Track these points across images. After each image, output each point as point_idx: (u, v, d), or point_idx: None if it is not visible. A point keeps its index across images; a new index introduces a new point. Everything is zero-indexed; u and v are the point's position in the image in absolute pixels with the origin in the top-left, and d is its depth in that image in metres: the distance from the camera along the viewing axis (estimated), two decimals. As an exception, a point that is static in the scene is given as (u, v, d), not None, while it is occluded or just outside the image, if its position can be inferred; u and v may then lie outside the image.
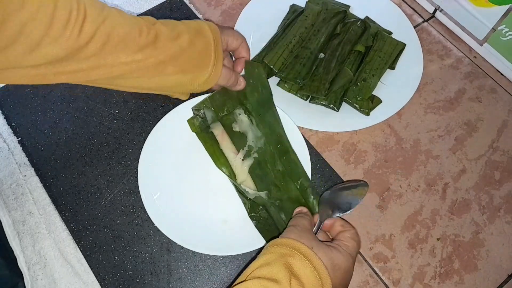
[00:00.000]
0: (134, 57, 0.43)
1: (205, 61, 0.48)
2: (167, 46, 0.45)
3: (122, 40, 0.41)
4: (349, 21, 0.64)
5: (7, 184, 0.53)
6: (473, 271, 0.51)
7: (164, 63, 0.45)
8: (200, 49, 0.47)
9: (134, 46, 0.42)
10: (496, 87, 0.64)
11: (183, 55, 0.46)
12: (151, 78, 0.46)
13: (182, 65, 0.46)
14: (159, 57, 0.44)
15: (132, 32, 0.42)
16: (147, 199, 0.51)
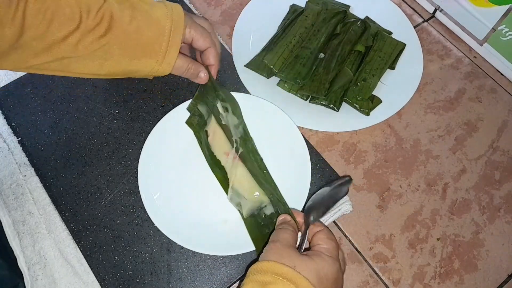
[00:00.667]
0: (82, 40, 0.42)
1: (155, 50, 0.46)
2: (113, 30, 0.43)
3: (69, 20, 0.41)
4: (349, 21, 0.64)
5: (7, 184, 0.53)
6: (473, 271, 0.51)
7: (110, 47, 0.44)
8: (149, 37, 0.45)
9: (81, 28, 0.42)
10: (496, 87, 0.64)
11: (129, 40, 0.44)
12: (101, 63, 0.45)
13: (128, 51, 0.45)
14: (103, 40, 0.43)
15: (79, 10, 0.41)
16: (147, 199, 0.51)
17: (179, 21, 0.47)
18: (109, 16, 0.43)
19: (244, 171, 0.52)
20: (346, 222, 0.53)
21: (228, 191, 0.51)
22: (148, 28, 0.45)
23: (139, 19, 0.44)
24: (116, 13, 0.43)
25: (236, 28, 0.65)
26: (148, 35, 0.45)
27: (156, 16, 0.45)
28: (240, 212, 0.51)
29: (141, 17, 0.45)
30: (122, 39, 0.44)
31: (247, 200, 0.50)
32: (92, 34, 0.42)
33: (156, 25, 0.45)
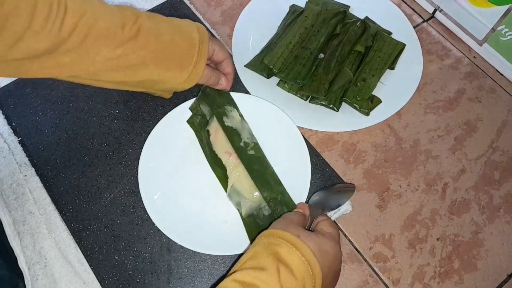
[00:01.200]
0: (116, 52, 0.43)
1: (187, 61, 0.49)
2: (149, 42, 0.45)
3: (104, 34, 0.42)
4: (349, 22, 0.64)
5: (8, 184, 0.53)
6: (473, 271, 0.51)
7: (145, 58, 0.45)
8: (183, 48, 0.48)
9: (116, 40, 0.43)
10: (495, 87, 0.64)
11: (164, 52, 0.46)
12: (132, 74, 0.46)
13: (162, 62, 0.47)
14: (140, 52, 0.45)
15: (114, 25, 0.42)
16: (147, 199, 0.51)
17: (205, 34, 0.50)
18: (145, 29, 0.45)
19: (245, 171, 0.52)
20: (346, 222, 0.53)
21: (228, 189, 0.52)
22: (182, 40, 0.48)
23: (172, 31, 0.47)
24: (150, 27, 0.45)
25: (236, 28, 0.65)
26: (182, 47, 0.48)
27: (186, 30, 0.49)
28: (239, 211, 0.51)
29: (174, 30, 0.47)
30: (158, 51, 0.46)
31: (247, 199, 0.51)
32: (128, 48, 0.44)
33: (188, 37, 0.48)
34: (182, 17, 0.65)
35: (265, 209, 0.50)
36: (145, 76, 0.47)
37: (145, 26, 0.45)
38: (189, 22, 0.51)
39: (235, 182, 0.51)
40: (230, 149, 0.53)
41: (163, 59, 0.47)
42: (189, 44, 0.48)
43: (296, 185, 0.52)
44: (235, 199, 0.51)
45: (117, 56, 0.43)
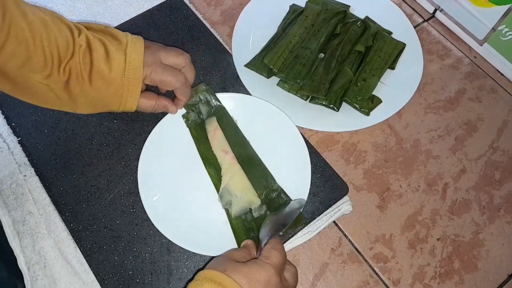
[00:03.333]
0: (47, 82, 0.44)
1: (113, 103, 0.49)
2: (76, 87, 0.45)
3: (42, 67, 0.42)
4: (349, 21, 0.64)
5: (7, 184, 0.53)
6: (473, 271, 0.51)
7: (75, 97, 0.46)
8: (108, 95, 0.48)
9: (52, 76, 0.43)
10: (496, 87, 0.64)
11: (90, 96, 0.47)
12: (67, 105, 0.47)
13: (90, 103, 0.48)
14: (68, 92, 0.45)
15: (50, 61, 0.43)
16: (147, 201, 0.50)
17: (134, 77, 0.48)
18: (74, 73, 0.44)
19: (240, 170, 0.52)
20: (346, 222, 0.53)
21: (220, 187, 0.51)
22: (104, 89, 0.47)
23: (96, 80, 0.46)
24: (79, 71, 0.45)
25: (236, 28, 0.65)
26: (105, 94, 0.47)
27: (111, 76, 0.46)
28: (228, 211, 0.51)
29: (97, 77, 0.46)
30: (84, 95, 0.46)
31: (238, 199, 0.50)
32: (59, 87, 0.44)
33: (111, 86, 0.47)
34: (182, 17, 0.66)
35: (254, 211, 0.50)
36: (79, 107, 0.48)
37: (74, 70, 0.44)
38: (121, 58, 0.47)
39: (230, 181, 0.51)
40: (227, 148, 0.53)
41: (90, 102, 0.48)
42: (114, 91, 0.47)
43: (296, 185, 0.52)
44: (227, 198, 0.51)
45: (53, 90, 0.45)
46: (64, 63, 0.43)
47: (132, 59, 0.47)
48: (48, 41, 0.41)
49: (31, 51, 0.40)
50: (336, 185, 0.54)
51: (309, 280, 0.50)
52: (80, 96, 0.46)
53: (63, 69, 0.43)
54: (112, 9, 0.68)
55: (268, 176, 0.52)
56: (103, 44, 0.46)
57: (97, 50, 0.45)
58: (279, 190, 0.51)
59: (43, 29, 0.41)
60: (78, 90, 0.45)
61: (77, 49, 0.44)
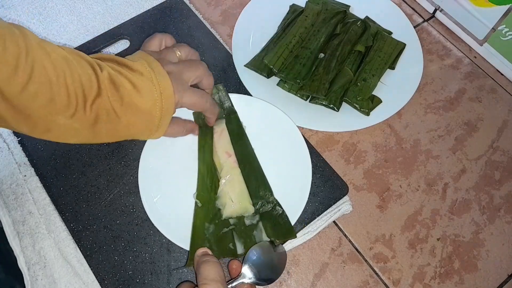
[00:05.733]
0: (71, 122, 0.41)
1: (144, 135, 0.47)
2: (106, 125, 0.43)
3: (65, 107, 0.39)
4: (349, 21, 0.64)
5: (7, 184, 0.53)
6: (473, 271, 0.51)
7: (101, 135, 0.44)
8: (139, 128, 0.45)
9: (76, 116, 0.40)
10: (496, 87, 0.64)
11: (119, 132, 0.44)
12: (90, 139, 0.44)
13: (118, 137, 0.46)
14: (94, 130, 0.42)
15: (75, 100, 0.40)
16: (147, 201, 0.50)
17: (169, 108, 0.45)
18: (103, 111, 0.41)
19: (239, 175, 0.51)
20: (346, 222, 0.53)
21: (218, 189, 0.51)
22: (137, 123, 0.44)
23: (129, 114, 0.43)
24: (108, 108, 0.42)
25: (236, 28, 0.65)
26: (137, 128, 0.45)
27: (145, 110, 0.44)
28: (220, 211, 0.50)
29: (131, 113, 0.43)
30: (114, 132, 0.44)
31: (233, 203, 0.50)
32: (85, 126, 0.41)
33: (145, 118, 0.44)
34: (182, 17, 0.66)
35: (246, 219, 0.50)
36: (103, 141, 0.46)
37: (104, 109, 0.41)
38: (152, 90, 0.44)
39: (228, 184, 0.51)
40: (231, 151, 0.53)
41: (118, 137, 0.45)
42: (146, 123, 0.45)
43: (296, 185, 0.52)
44: (222, 199, 0.51)
45: (76, 129, 0.42)
46: (90, 101, 0.40)
47: (163, 89, 0.44)
48: (72, 79, 0.39)
49: (54, 91, 0.38)
50: (336, 185, 0.54)
51: (309, 280, 0.50)
52: (107, 133, 0.44)
53: (90, 108, 0.40)
54: (112, 9, 0.68)
55: (266, 187, 0.51)
56: (127, 78, 0.43)
57: (124, 85, 0.42)
58: (274, 203, 0.51)
59: (66, 67, 0.39)
60: (106, 128, 0.43)
61: (103, 86, 0.41)
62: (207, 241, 0.48)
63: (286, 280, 0.50)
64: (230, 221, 0.50)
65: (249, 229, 0.49)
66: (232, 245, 0.48)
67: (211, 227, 0.49)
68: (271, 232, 0.49)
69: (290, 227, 0.49)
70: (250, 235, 0.49)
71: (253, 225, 0.50)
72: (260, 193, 0.51)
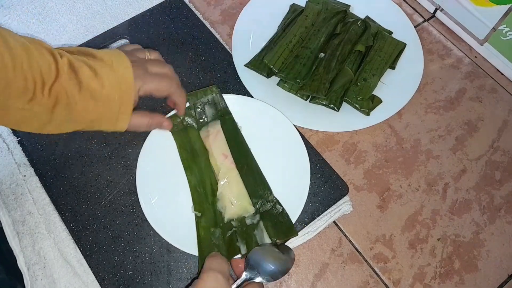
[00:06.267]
0: (32, 110, 0.41)
1: (104, 121, 0.46)
2: (63, 109, 0.43)
3: (23, 93, 0.40)
4: (349, 21, 0.63)
5: (7, 184, 0.53)
6: (474, 271, 0.51)
7: (60, 120, 0.44)
8: (98, 114, 0.45)
9: (34, 101, 0.41)
10: (496, 87, 0.63)
11: (78, 117, 0.44)
12: (52, 128, 0.44)
13: (78, 123, 0.45)
14: (53, 115, 0.43)
15: (33, 84, 0.40)
16: (145, 203, 0.50)
17: (128, 92, 0.46)
18: (62, 95, 0.42)
19: (237, 176, 0.51)
20: (346, 222, 0.53)
21: (217, 192, 0.51)
22: (96, 108, 0.44)
23: (87, 99, 0.43)
24: (67, 92, 0.42)
25: (236, 28, 0.65)
26: (97, 113, 0.45)
27: (104, 94, 0.44)
28: (221, 214, 0.50)
29: (89, 97, 0.44)
30: (73, 118, 0.44)
31: (233, 205, 0.50)
32: (44, 111, 0.42)
33: (104, 103, 0.45)
34: (182, 17, 0.66)
35: (248, 219, 0.50)
36: (63, 130, 0.46)
37: (63, 92, 0.42)
38: (111, 74, 0.45)
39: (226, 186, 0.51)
40: (227, 152, 0.53)
41: (79, 122, 0.45)
42: (105, 108, 0.45)
43: (295, 185, 0.52)
44: (222, 202, 0.50)
45: (35, 115, 0.42)
46: (48, 86, 0.41)
47: (122, 74, 0.45)
48: (29, 64, 0.39)
49: (9, 76, 0.38)
50: (336, 185, 0.54)
51: (309, 280, 0.50)
52: (67, 118, 0.44)
53: (48, 92, 0.41)
54: (112, 9, 0.68)
55: (265, 186, 0.51)
56: (87, 64, 0.44)
57: (83, 70, 0.43)
58: (274, 202, 0.50)
59: (23, 53, 0.39)
60: (66, 112, 0.43)
61: (62, 71, 0.42)
62: (216, 247, 0.48)
63: (286, 280, 0.50)
64: (233, 223, 0.50)
65: (250, 229, 0.49)
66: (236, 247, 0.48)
67: (217, 231, 0.49)
68: (272, 231, 0.49)
69: (291, 225, 0.49)
70: (251, 235, 0.49)
71: (254, 224, 0.50)
72: (259, 192, 0.51)
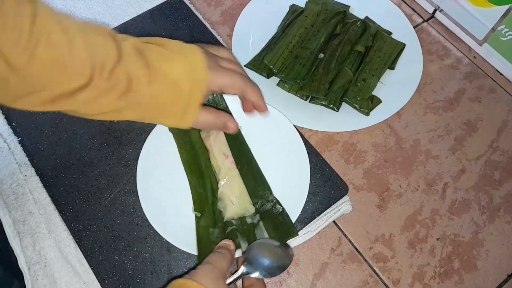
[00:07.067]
0: (90, 97, 0.38)
1: (172, 111, 0.43)
2: (128, 95, 0.39)
3: (78, 75, 0.37)
4: (349, 21, 0.64)
5: (8, 184, 0.53)
6: (473, 271, 0.51)
7: (123, 109, 0.40)
8: (166, 100, 0.41)
9: (91, 86, 0.37)
10: (495, 87, 0.64)
11: (144, 104, 0.41)
12: (111, 117, 0.41)
13: (143, 113, 0.42)
14: (116, 103, 0.39)
15: (89, 68, 0.37)
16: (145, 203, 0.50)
17: (200, 81, 0.42)
18: (125, 78, 0.38)
19: (238, 176, 0.51)
20: (346, 222, 0.53)
21: (218, 191, 0.51)
22: (165, 93, 0.41)
23: (156, 82, 0.40)
24: (131, 75, 0.39)
25: (236, 28, 0.65)
26: (165, 100, 0.41)
27: (174, 79, 0.41)
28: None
29: (158, 80, 0.40)
30: (137, 104, 0.41)
31: (233, 205, 0.50)
32: (104, 95, 0.38)
33: (173, 89, 0.41)
34: (182, 17, 0.66)
35: (248, 218, 0.50)
36: (127, 119, 0.42)
37: (125, 75, 0.38)
38: (183, 62, 0.41)
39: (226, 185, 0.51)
40: (228, 152, 0.53)
41: (144, 111, 0.42)
42: (174, 95, 0.41)
43: (295, 186, 0.52)
44: (223, 202, 0.51)
45: (92, 103, 0.39)
46: (108, 69, 0.37)
47: (194, 61, 0.41)
48: (85, 48, 0.36)
49: (66, 61, 0.35)
50: (336, 185, 0.54)
51: (309, 280, 0.50)
52: (129, 104, 0.40)
53: (108, 76, 0.37)
54: (112, 9, 0.68)
55: (265, 186, 0.52)
56: (155, 47, 0.40)
57: (151, 52, 0.39)
58: (274, 202, 0.51)
59: (80, 37, 0.36)
60: (128, 97, 0.39)
61: (125, 53, 0.38)
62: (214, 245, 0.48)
63: (286, 280, 0.50)
64: (233, 222, 0.50)
65: (251, 227, 0.50)
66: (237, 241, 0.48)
67: (216, 231, 0.49)
68: (273, 232, 0.49)
69: (291, 225, 0.49)
70: (252, 232, 0.49)
71: (254, 224, 0.50)
72: (259, 192, 0.51)
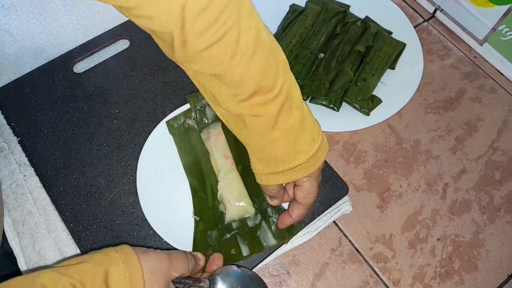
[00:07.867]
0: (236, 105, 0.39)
1: (282, 156, 0.41)
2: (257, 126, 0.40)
3: (270, 90, 0.38)
4: (349, 21, 0.64)
5: (7, 184, 0.53)
6: (473, 271, 0.51)
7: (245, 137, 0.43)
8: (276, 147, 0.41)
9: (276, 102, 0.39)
10: (496, 87, 0.64)
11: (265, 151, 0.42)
12: (236, 131, 0.43)
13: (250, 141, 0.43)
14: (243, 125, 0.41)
15: (279, 87, 0.38)
16: (145, 203, 0.50)
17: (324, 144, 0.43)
18: (289, 98, 0.39)
19: (238, 177, 0.51)
20: (346, 222, 0.53)
21: (218, 193, 0.50)
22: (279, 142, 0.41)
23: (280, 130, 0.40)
24: (291, 97, 0.39)
25: (236, 28, 0.65)
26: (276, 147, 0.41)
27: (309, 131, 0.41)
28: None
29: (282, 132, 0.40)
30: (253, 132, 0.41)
31: (232, 206, 0.50)
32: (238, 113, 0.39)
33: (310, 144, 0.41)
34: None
35: (249, 220, 0.50)
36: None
37: (288, 94, 0.39)
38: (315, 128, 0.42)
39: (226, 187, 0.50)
40: (228, 153, 0.53)
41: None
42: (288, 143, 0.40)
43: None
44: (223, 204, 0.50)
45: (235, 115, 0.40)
46: (262, 97, 0.37)
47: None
48: (256, 65, 0.36)
49: (225, 66, 0.35)
50: (336, 185, 0.54)
51: (309, 280, 0.50)
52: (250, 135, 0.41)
53: (256, 99, 0.38)
54: (112, 9, 0.67)
55: None
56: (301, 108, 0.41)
57: (295, 102, 0.40)
58: None
59: (254, 48, 0.36)
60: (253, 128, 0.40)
61: (280, 91, 0.38)
62: (211, 248, 0.48)
63: (286, 280, 0.50)
64: (233, 225, 0.50)
65: (253, 230, 0.49)
66: (235, 250, 0.48)
67: (214, 233, 0.49)
68: (276, 229, 0.49)
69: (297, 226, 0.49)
70: (254, 236, 0.49)
71: (257, 225, 0.50)
72: (260, 193, 0.51)
